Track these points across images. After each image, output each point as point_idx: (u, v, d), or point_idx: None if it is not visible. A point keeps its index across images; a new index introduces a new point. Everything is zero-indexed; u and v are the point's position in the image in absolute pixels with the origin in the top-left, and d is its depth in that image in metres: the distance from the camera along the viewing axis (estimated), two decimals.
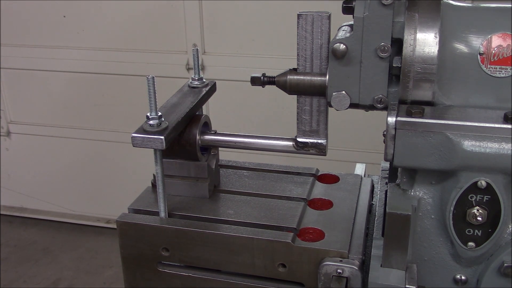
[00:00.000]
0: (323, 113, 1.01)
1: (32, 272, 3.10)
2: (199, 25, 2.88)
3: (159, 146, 0.97)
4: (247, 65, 2.83)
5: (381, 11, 0.87)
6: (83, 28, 3.10)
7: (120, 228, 1.08)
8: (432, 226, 0.93)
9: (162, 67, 2.96)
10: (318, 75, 0.96)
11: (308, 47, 0.95)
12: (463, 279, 0.93)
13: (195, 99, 1.13)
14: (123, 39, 3.04)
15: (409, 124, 0.84)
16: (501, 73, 0.86)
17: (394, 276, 0.90)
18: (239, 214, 1.10)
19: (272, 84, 1.00)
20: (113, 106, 3.23)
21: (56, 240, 3.45)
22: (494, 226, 0.87)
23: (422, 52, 0.86)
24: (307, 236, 1.03)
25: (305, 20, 0.94)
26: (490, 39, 0.86)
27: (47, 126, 3.40)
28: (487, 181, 0.84)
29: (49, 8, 3.09)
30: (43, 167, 3.53)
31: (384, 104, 0.92)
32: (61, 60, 3.18)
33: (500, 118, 0.82)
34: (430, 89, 0.87)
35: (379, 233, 1.04)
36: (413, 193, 0.93)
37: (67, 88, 3.27)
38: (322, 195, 1.17)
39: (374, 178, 1.29)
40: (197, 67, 1.20)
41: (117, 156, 3.31)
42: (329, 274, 0.97)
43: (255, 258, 1.02)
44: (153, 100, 0.99)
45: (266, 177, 1.25)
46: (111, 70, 3.12)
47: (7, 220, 3.68)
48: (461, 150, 0.82)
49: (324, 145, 1.03)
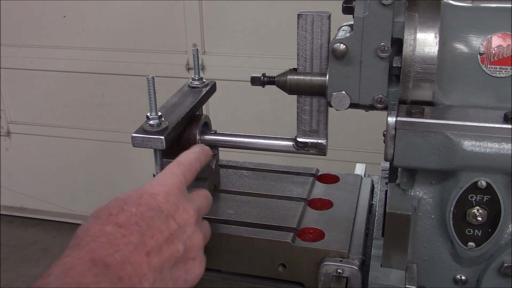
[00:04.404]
0: (323, 113, 1.01)
1: (32, 272, 3.10)
2: (199, 25, 2.88)
3: (159, 146, 0.97)
4: (247, 65, 2.83)
5: (381, 11, 0.87)
6: (83, 28, 3.10)
7: None
8: (432, 226, 0.93)
9: (162, 67, 2.96)
10: (318, 75, 0.96)
11: (308, 47, 0.95)
12: (463, 279, 0.93)
13: (195, 99, 1.13)
14: (123, 39, 3.04)
15: (409, 124, 0.84)
16: (501, 73, 0.86)
17: (394, 276, 0.90)
18: (239, 214, 1.10)
19: (272, 84, 1.00)
20: (113, 106, 3.23)
21: (56, 240, 3.45)
22: (494, 226, 0.87)
23: (422, 52, 0.86)
24: (307, 236, 1.03)
25: (305, 20, 0.94)
26: (490, 39, 0.86)
27: (47, 126, 3.40)
28: (487, 181, 0.84)
29: (49, 8, 3.09)
30: (43, 167, 3.53)
31: (384, 104, 0.92)
32: (61, 60, 3.18)
33: (500, 118, 0.82)
34: (430, 89, 0.87)
35: (379, 233, 1.04)
36: (413, 193, 0.93)
37: (67, 88, 3.27)
38: (322, 195, 1.17)
39: (374, 178, 1.29)
40: (197, 67, 1.20)
41: (117, 156, 3.31)
42: (329, 274, 0.97)
43: (255, 258, 1.02)
44: (153, 100, 0.99)
45: (266, 177, 1.25)
46: (111, 70, 3.12)
47: (7, 220, 3.68)
48: (461, 150, 0.82)
49: (324, 145, 1.03)
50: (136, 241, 0.69)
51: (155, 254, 0.71)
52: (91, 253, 0.66)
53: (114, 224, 0.70)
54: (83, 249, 0.67)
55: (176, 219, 0.76)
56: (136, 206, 0.73)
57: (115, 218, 0.71)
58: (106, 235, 0.69)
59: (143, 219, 0.72)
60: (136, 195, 0.76)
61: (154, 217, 0.73)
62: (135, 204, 0.73)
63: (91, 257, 0.66)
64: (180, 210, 0.77)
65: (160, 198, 0.76)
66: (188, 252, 0.77)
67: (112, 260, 0.66)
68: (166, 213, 0.75)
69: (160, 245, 0.72)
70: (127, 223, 0.71)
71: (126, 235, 0.69)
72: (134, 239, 0.69)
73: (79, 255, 0.66)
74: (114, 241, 0.68)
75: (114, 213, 0.72)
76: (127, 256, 0.67)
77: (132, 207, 0.73)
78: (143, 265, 0.69)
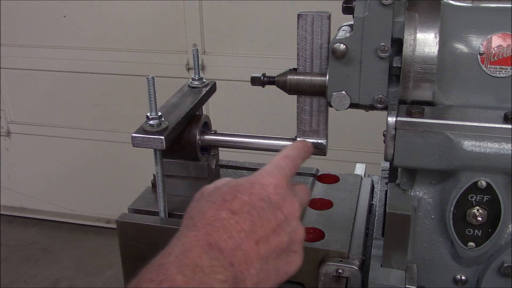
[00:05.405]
0: (323, 113, 1.01)
1: (32, 272, 3.10)
2: (199, 25, 2.88)
3: (159, 146, 0.97)
4: (247, 65, 2.83)
5: (381, 11, 0.87)
6: (83, 28, 3.10)
7: (120, 228, 1.08)
8: (432, 226, 0.93)
9: (162, 67, 2.96)
10: (318, 75, 0.96)
11: (308, 47, 0.95)
12: (463, 279, 0.93)
13: (195, 99, 1.13)
14: (123, 39, 3.04)
15: (409, 124, 0.84)
16: (501, 73, 0.86)
17: (394, 276, 0.90)
18: None
19: (272, 84, 1.00)
20: (113, 106, 3.23)
21: (56, 240, 3.45)
22: (494, 226, 0.87)
23: (422, 52, 0.86)
24: (307, 236, 1.03)
25: (305, 20, 0.94)
26: (490, 39, 0.86)
27: (47, 126, 3.40)
28: (487, 181, 0.84)
29: (49, 8, 3.09)
30: (43, 167, 3.53)
31: (384, 104, 0.92)
32: (61, 60, 3.18)
33: (500, 118, 0.82)
34: (430, 89, 0.87)
35: (379, 233, 1.04)
36: (413, 193, 0.93)
37: (67, 88, 3.27)
38: (322, 195, 1.17)
39: (374, 178, 1.29)
40: (197, 67, 1.20)
41: (117, 156, 3.31)
42: (329, 274, 0.97)
43: None
44: (153, 100, 0.99)
45: None
46: (111, 70, 3.12)
47: (7, 220, 3.68)
48: (461, 150, 0.82)
49: (324, 145, 1.03)
50: (248, 229, 0.72)
51: (263, 243, 0.73)
52: (207, 236, 0.69)
53: (228, 211, 0.72)
54: (200, 231, 0.70)
55: (284, 211, 0.78)
56: (248, 195, 0.75)
57: (230, 205, 0.73)
58: (221, 220, 0.71)
59: (255, 208, 0.74)
60: (247, 183, 0.78)
61: (265, 207, 0.75)
62: (247, 193, 0.76)
63: (207, 241, 0.68)
64: (287, 203, 0.79)
65: (270, 189, 0.78)
66: (291, 244, 0.79)
67: (226, 246, 0.69)
68: (275, 205, 0.77)
69: (268, 235, 0.74)
70: (241, 211, 0.73)
71: (239, 223, 0.72)
72: (246, 227, 0.72)
73: (196, 237, 0.69)
74: (228, 227, 0.71)
75: (228, 199, 0.74)
76: (239, 243, 0.70)
77: (245, 196, 0.75)
78: (252, 253, 0.71)
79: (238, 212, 0.73)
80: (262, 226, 0.74)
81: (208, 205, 0.74)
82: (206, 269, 0.65)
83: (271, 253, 0.74)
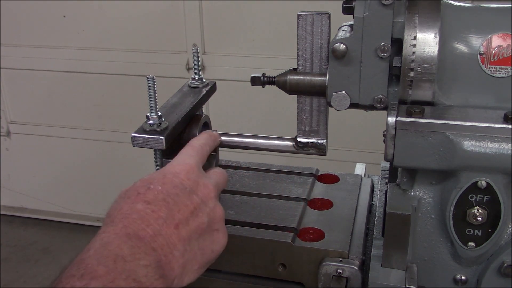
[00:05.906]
0: (323, 113, 1.01)
1: (32, 272, 3.10)
2: (199, 25, 2.88)
3: (159, 146, 0.97)
4: (247, 65, 2.83)
5: (381, 11, 0.87)
6: (83, 28, 3.10)
7: None
8: (432, 226, 0.93)
9: (162, 67, 2.96)
10: (318, 75, 0.96)
11: (308, 47, 0.95)
12: (463, 279, 0.93)
13: (195, 99, 1.13)
14: (123, 39, 3.04)
15: (409, 124, 0.84)
16: (501, 73, 0.86)
17: (394, 276, 0.90)
18: (239, 214, 1.10)
19: (272, 84, 1.00)
20: (113, 106, 3.23)
21: (56, 240, 3.45)
22: (494, 226, 0.87)
23: (422, 52, 0.86)
24: (307, 236, 1.03)
25: (305, 20, 0.94)
26: (490, 39, 0.86)
27: (47, 126, 3.40)
28: (487, 181, 0.84)
29: (49, 8, 3.10)
30: (43, 167, 3.53)
31: (384, 104, 0.92)
32: (61, 60, 3.18)
33: (500, 118, 0.82)
34: (430, 89, 0.87)
35: (379, 233, 1.04)
36: (413, 193, 0.93)
37: (67, 88, 3.27)
38: (322, 195, 1.17)
39: (374, 178, 1.29)
40: (197, 67, 1.20)
41: (117, 156, 3.31)
42: (329, 274, 0.97)
43: (255, 258, 1.02)
44: (153, 100, 0.99)
45: (266, 177, 1.25)
46: (111, 70, 3.12)
47: (7, 220, 3.68)
48: (461, 150, 0.82)
49: (324, 145, 1.03)
50: (165, 216, 0.76)
51: (182, 226, 0.77)
52: (125, 228, 0.73)
53: (143, 202, 0.77)
54: (117, 225, 0.73)
55: (198, 194, 0.83)
56: (161, 185, 0.80)
57: (144, 196, 0.78)
58: (137, 212, 0.76)
59: (169, 195, 0.79)
60: (159, 175, 0.83)
61: (179, 193, 0.80)
62: (160, 183, 0.80)
63: (125, 232, 0.72)
64: (201, 186, 0.84)
65: (182, 176, 0.83)
66: (212, 224, 0.84)
67: (144, 234, 0.73)
68: (189, 189, 0.82)
69: (186, 218, 0.79)
70: (155, 200, 0.77)
71: (155, 211, 0.76)
72: (163, 214, 0.76)
73: (114, 230, 0.72)
74: (145, 217, 0.75)
75: (142, 192, 0.79)
76: (158, 229, 0.74)
77: (158, 186, 0.80)
78: (173, 237, 0.75)
79: (153, 201, 0.77)
80: (180, 211, 0.78)
81: (124, 201, 0.78)
82: (128, 257, 0.68)
83: (192, 234, 0.79)
